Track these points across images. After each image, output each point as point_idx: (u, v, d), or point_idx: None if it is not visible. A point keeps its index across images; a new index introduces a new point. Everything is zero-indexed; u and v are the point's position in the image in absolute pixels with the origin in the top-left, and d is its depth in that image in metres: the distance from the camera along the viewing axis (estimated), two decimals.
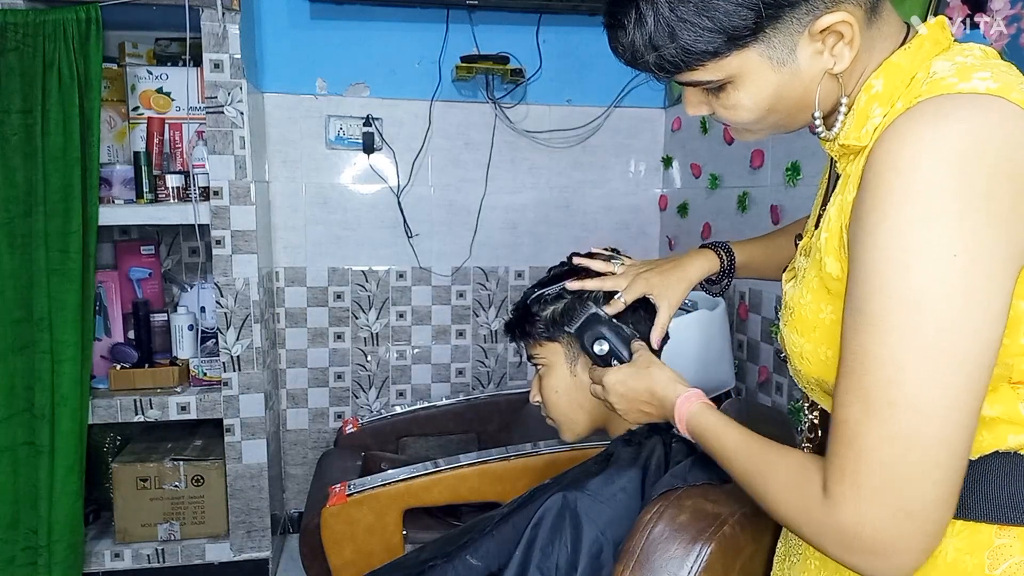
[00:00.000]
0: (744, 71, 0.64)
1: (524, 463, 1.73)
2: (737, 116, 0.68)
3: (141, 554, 2.10)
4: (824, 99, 0.66)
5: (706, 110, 0.71)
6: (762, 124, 0.70)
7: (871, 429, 0.58)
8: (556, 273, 1.11)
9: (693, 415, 0.83)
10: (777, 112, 0.67)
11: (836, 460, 0.60)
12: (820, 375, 0.70)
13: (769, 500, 0.68)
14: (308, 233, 2.45)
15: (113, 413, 2.04)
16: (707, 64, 0.64)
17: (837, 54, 0.63)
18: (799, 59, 0.63)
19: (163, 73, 2.14)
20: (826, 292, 0.66)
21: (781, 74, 0.64)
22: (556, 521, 0.93)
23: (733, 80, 0.65)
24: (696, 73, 0.65)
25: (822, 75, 0.64)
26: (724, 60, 0.63)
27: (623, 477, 0.96)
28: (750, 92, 0.65)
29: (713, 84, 0.66)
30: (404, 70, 2.43)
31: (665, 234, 2.63)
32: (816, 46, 0.63)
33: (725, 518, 0.84)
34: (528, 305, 1.10)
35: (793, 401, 1.84)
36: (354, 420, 2.27)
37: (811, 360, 0.70)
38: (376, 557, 1.64)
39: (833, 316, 0.66)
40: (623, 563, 0.83)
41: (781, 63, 0.63)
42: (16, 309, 1.87)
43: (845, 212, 0.63)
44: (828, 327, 0.67)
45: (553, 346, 1.09)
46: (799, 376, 0.75)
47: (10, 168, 1.83)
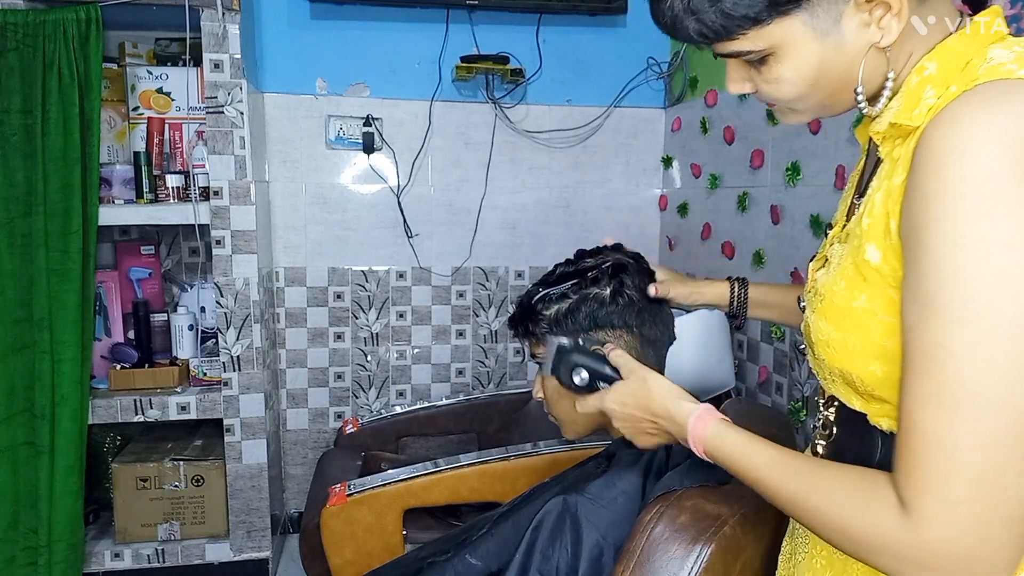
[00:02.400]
0: (786, 41, 0.62)
1: (524, 463, 1.73)
2: (779, 91, 0.67)
3: (141, 554, 2.10)
4: (869, 75, 0.63)
5: (748, 87, 0.69)
6: (806, 102, 0.67)
7: (957, 433, 0.53)
8: (562, 273, 1.10)
9: (711, 437, 0.76)
10: (821, 89, 0.65)
11: (916, 471, 0.55)
12: (844, 366, 0.66)
13: (825, 524, 0.62)
14: (308, 233, 2.45)
15: (113, 413, 2.04)
16: (748, 32, 0.62)
17: (884, 26, 0.60)
18: (844, 30, 0.61)
19: (163, 73, 2.14)
20: (862, 280, 0.63)
21: (825, 46, 0.62)
22: (556, 524, 0.93)
23: (775, 52, 0.64)
24: (737, 42, 0.64)
25: (867, 48, 0.62)
26: (766, 28, 0.62)
27: (624, 480, 0.96)
28: (793, 65, 0.64)
29: (754, 55, 0.65)
30: (404, 70, 2.43)
31: (665, 234, 2.63)
32: (862, 17, 0.61)
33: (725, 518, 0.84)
34: (532, 304, 1.09)
35: (793, 401, 1.84)
36: (354, 420, 2.27)
37: (837, 349, 0.66)
38: (376, 557, 1.64)
39: (866, 305, 0.63)
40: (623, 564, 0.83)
41: (825, 33, 0.62)
42: (16, 309, 1.87)
43: (893, 197, 0.60)
44: (860, 316, 0.64)
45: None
46: (821, 366, 0.72)
47: (10, 168, 1.83)
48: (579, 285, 1.07)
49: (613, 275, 1.07)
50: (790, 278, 1.85)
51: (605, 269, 1.07)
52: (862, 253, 0.63)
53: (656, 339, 1.08)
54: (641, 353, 1.07)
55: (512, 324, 1.13)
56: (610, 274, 1.07)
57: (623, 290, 1.06)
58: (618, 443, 1.07)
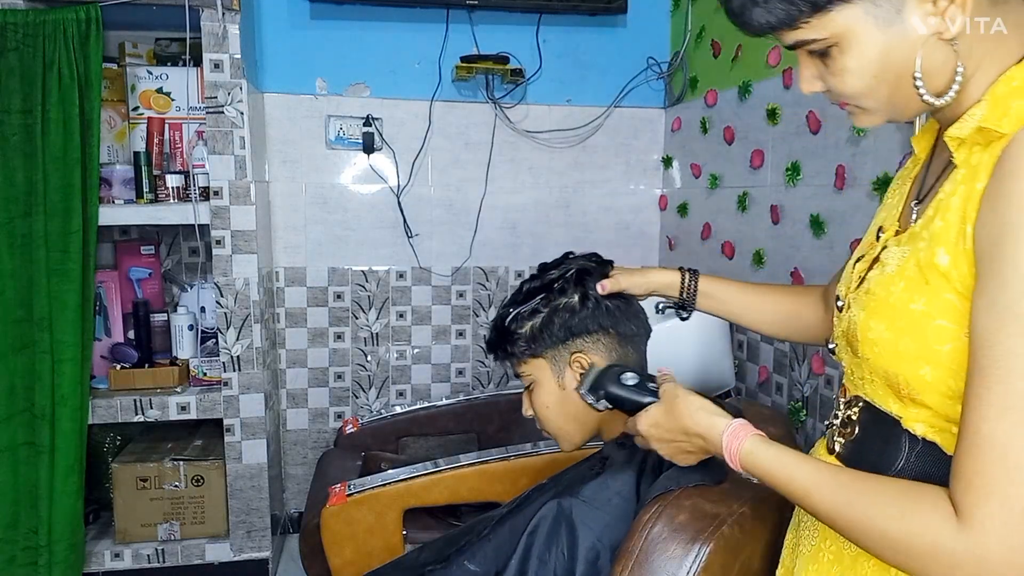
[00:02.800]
0: (849, 30, 0.64)
1: (524, 463, 1.73)
2: (845, 84, 0.67)
3: (141, 554, 2.10)
4: (936, 68, 0.64)
5: (819, 85, 0.71)
6: (874, 97, 0.67)
7: (1020, 444, 0.53)
8: (529, 289, 1.11)
9: (746, 454, 0.75)
10: (885, 81, 0.65)
11: (978, 479, 0.55)
12: (892, 367, 0.66)
13: (869, 534, 0.62)
14: (308, 233, 2.45)
15: (113, 413, 2.04)
16: (811, 20, 0.64)
17: (949, 17, 0.61)
18: (906, 20, 0.62)
19: (163, 73, 2.14)
20: (924, 283, 0.63)
21: (888, 35, 0.63)
22: (552, 529, 0.93)
23: (839, 42, 0.65)
24: (801, 31, 0.66)
25: (929, 38, 0.63)
26: (828, 16, 0.63)
27: (618, 481, 0.96)
28: (856, 55, 0.65)
29: (819, 45, 0.66)
30: (404, 70, 2.43)
31: (665, 234, 2.63)
32: (925, 7, 0.61)
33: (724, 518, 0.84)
34: (506, 326, 1.10)
35: (793, 401, 1.84)
36: (354, 420, 2.27)
37: (886, 350, 0.67)
38: (376, 557, 1.64)
39: (924, 308, 0.63)
40: (622, 563, 0.83)
41: (887, 23, 0.63)
42: (16, 309, 1.87)
43: (972, 202, 0.60)
44: (916, 319, 0.64)
45: (537, 362, 1.09)
46: (862, 365, 0.72)
47: (10, 168, 1.83)
48: (547, 298, 1.08)
49: (578, 282, 1.08)
50: (790, 278, 1.85)
51: (569, 277, 1.08)
52: (931, 256, 0.63)
53: (633, 334, 1.09)
54: (621, 352, 1.08)
55: (490, 348, 1.14)
56: (575, 281, 1.08)
57: (590, 294, 1.07)
58: (612, 445, 1.07)
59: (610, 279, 1.07)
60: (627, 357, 1.08)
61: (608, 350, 1.07)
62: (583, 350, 1.06)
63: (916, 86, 0.64)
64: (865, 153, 1.59)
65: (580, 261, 1.11)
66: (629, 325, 1.08)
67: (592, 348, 1.07)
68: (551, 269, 1.11)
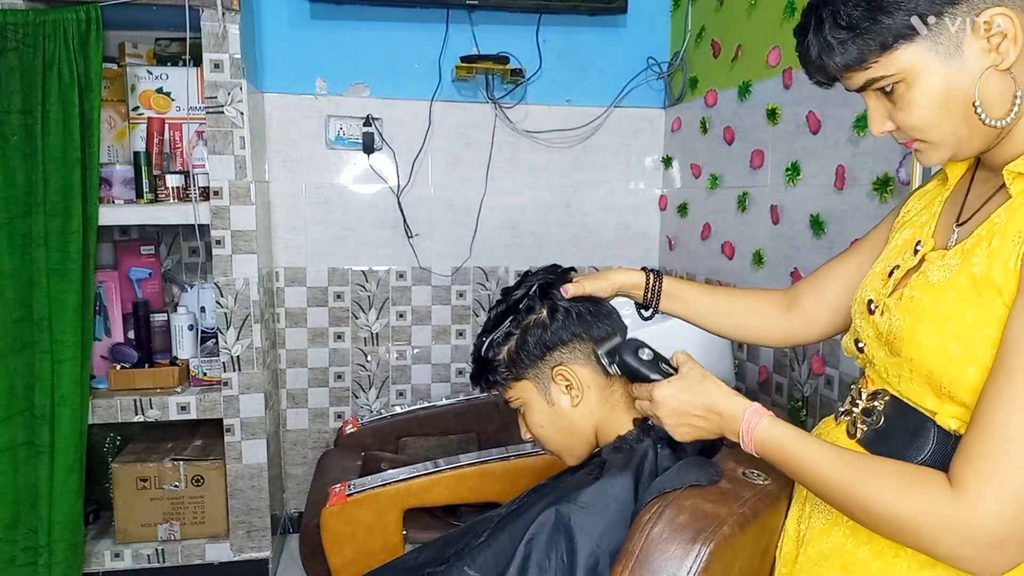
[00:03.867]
0: (913, 66, 0.71)
1: (524, 463, 1.73)
2: (912, 117, 0.73)
3: (141, 554, 2.10)
4: (997, 95, 0.70)
5: (890, 125, 0.77)
6: (940, 129, 0.73)
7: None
8: (497, 315, 1.11)
9: (764, 428, 0.82)
10: (950, 112, 0.71)
11: (979, 458, 0.64)
12: (937, 368, 0.72)
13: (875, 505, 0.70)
14: (308, 233, 2.45)
15: (113, 413, 2.04)
16: (880, 58, 0.71)
17: (1003, 51, 0.68)
18: (965, 55, 0.69)
19: (163, 73, 2.14)
20: (976, 294, 0.70)
21: (949, 68, 0.70)
22: (551, 537, 0.93)
23: (904, 78, 0.71)
24: (870, 70, 0.72)
25: (986, 70, 0.69)
26: (894, 54, 0.71)
27: (615, 486, 0.95)
28: (921, 88, 0.71)
29: (887, 81, 0.72)
30: (404, 70, 2.43)
31: (665, 234, 2.63)
32: (981, 44, 0.69)
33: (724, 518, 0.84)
34: (484, 356, 1.10)
35: (793, 401, 1.84)
36: (354, 420, 2.27)
37: (932, 352, 0.73)
38: (376, 557, 1.64)
39: (974, 318, 0.70)
40: (622, 563, 0.83)
41: (948, 57, 0.70)
42: (16, 309, 1.87)
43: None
44: (967, 327, 0.70)
45: (522, 384, 1.09)
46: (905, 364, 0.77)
47: (10, 168, 1.83)
48: (516, 319, 1.08)
49: (543, 296, 1.08)
50: (790, 278, 1.85)
51: (534, 294, 1.08)
52: (987, 272, 0.70)
53: (608, 336, 1.09)
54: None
55: (474, 381, 1.14)
56: (540, 296, 1.08)
57: (557, 305, 1.07)
58: (608, 449, 1.07)
59: (573, 283, 1.08)
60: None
61: (586, 355, 1.07)
62: (563, 362, 1.07)
63: (978, 113, 0.71)
64: (865, 153, 1.59)
65: (540, 275, 1.11)
66: (603, 327, 1.08)
67: (571, 358, 1.07)
68: (514, 290, 1.11)
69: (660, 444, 1.02)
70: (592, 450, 1.12)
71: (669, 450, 1.00)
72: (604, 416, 1.08)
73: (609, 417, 1.08)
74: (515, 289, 1.11)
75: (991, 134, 0.73)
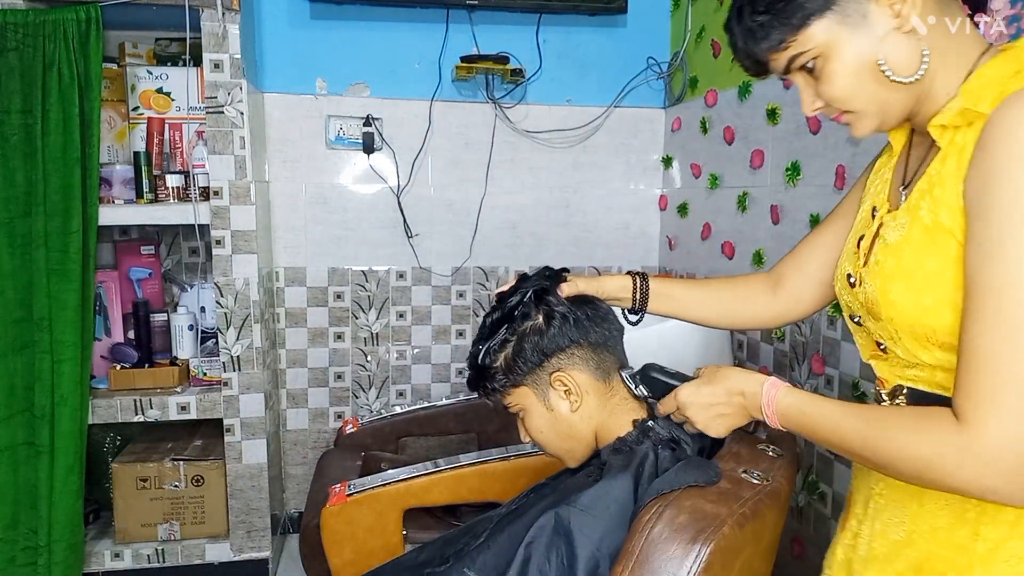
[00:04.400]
0: (828, 40, 0.76)
1: (524, 463, 1.73)
2: (834, 86, 0.78)
3: (141, 554, 2.10)
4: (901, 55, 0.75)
5: (819, 102, 0.81)
6: (861, 98, 0.78)
7: (1009, 351, 0.64)
8: (493, 322, 1.10)
9: (782, 398, 0.85)
10: (866, 79, 0.76)
11: (972, 386, 0.66)
12: (918, 320, 0.76)
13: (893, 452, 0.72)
14: (308, 233, 2.45)
15: (113, 413, 2.04)
16: (797, 36, 0.77)
17: (904, 15, 0.74)
18: (872, 23, 0.75)
19: (163, 73, 2.14)
20: (931, 243, 0.74)
21: (859, 36, 0.75)
22: (550, 540, 0.92)
23: (822, 52, 0.77)
24: (791, 49, 0.78)
25: (891, 32, 0.75)
26: (808, 30, 0.76)
27: (615, 488, 0.95)
28: (837, 59, 0.76)
29: (807, 57, 0.78)
30: (404, 70, 2.43)
31: (665, 234, 2.63)
32: (885, 11, 0.74)
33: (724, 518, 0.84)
34: (481, 364, 1.09)
35: None
36: (354, 420, 2.27)
37: (908, 307, 0.76)
38: (376, 557, 1.64)
39: (934, 266, 0.74)
40: (622, 563, 0.83)
41: (856, 26, 0.75)
42: (16, 309, 1.87)
43: (962, 168, 0.71)
44: (931, 275, 0.74)
45: (520, 390, 1.09)
46: (885, 328, 0.80)
47: (10, 168, 1.83)
48: (512, 327, 1.07)
49: (538, 302, 1.07)
50: None
51: (528, 300, 1.08)
52: (936, 218, 0.74)
53: (605, 339, 1.09)
54: (598, 360, 1.08)
55: (472, 387, 1.14)
56: (535, 302, 1.07)
57: (554, 311, 1.06)
58: (608, 451, 1.07)
59: (568, 283, 1.09)
60: (605, 362, 1.08)
61: (584, 360, 1.07)
62: (560, 368, 1.06)
63: (884, 72, 0.75)
64: (865, 153, 1.59)
65: (535, 281, 1.11)
66: (600, 331, 1.08)
67: (568, 364, 1.06)
68: (509, 297, 1.10)
69: (660, 446, 1.01)
70: (592, 452, 1.12)
71: (669, 451, 1.00)
72: (604, 420, 1.08)
73: (609, 420, 1.08)
74: (510, 295, 1.10)
75: (907, 93, 0.77)
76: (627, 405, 1.09)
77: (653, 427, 1.05)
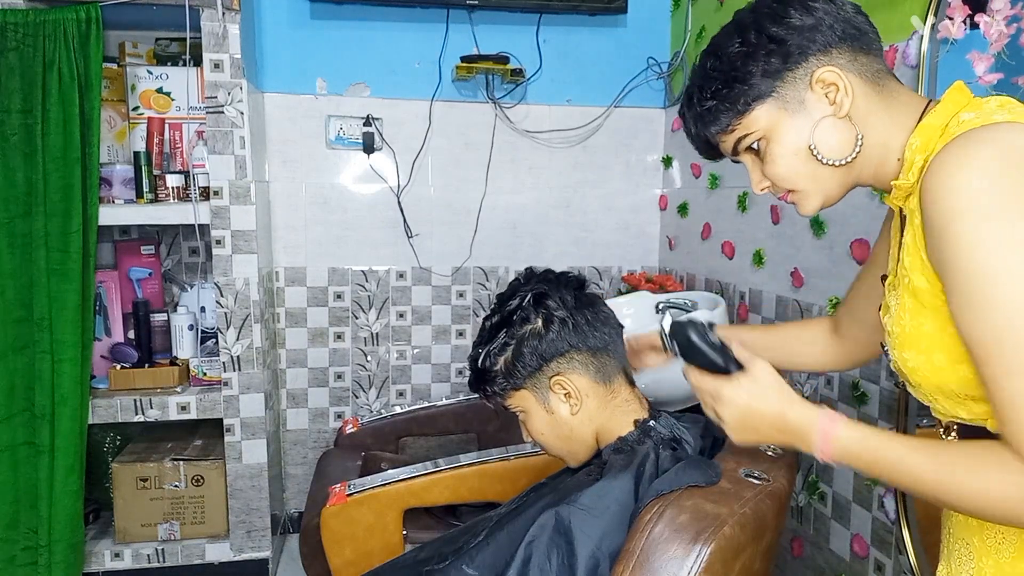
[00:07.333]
0: (770, 123, 0.80)
1: (524, 463, 1.73)
2: (776, 167, 0.82)
3: (141, 554, 2.10)
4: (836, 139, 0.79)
5: (766, 182, 0.85)
6: (801, 177, 0.82)
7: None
8: (492, 326, 1.10)
9: (841, 439, 0.78)
10: (804, 160, 0.80)
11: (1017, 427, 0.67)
12: (938, 380, 0.77)
13: (968, 493, 0.71)
14: (308, 233, 2.45)
15: (113, 413, 2.04)
16: (742, 119, 0.81)
17: (839, 102, 0.78)
18: (809, 108, 0.79)
19: (163, 73, 2.14)
20: (921, 307, 0.76)
21: (797, 120, 0.80)
22: (551, 539, 0.93)
23: (765, 134, 0.81)
24: (737, 132, 0.82)
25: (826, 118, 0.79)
26: (751, 115, 0.81)
27: (615, 487, 0.95)
28: (778, 141, 0.81)
29: (752, 139, 0.82)
30: (404, 70, 2.43)
31: (665, 234, 2.63)
32: (820, 97, 0.79)
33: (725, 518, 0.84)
34: (480, 367, 1.10)
35: None
36: (354, 420, 2.27)
37: (926, 370, 0.77)
38: (376, 557, 1.64)
39: (931, 327, 0.75)
40: (623, 563, 0.83)
41: (795, 112, 0.80)
42: (16, 309, 1.87)
43: (919, 237, 0.74)
44: (932, 336, 0.75)
45: (520, 394, 1.09)
46: (920, 392, 0.81)
47: (10, 168, 1.83)
48: (512, 330, 1.07)
49: (537, 306, 1.07)
50: (790, 278, 1.85)
51: (528, 304, 1.08)
52: (912, 283, 0.76)
53: (605, 343, 1.08)
54: (598, 364, 1.08)
55: (472, 389, 1.14)
56: (535, 306, 1.07)
57: (552, 315, 1.06)
58: (609, 450, 1.07)
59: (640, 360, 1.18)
60: (606, 366, 1.08)
61: (584, 365, 1.07)
62: (560, 372, 1.06)
63: (815, 155, 0.79)
64: None
65: (534, 284, 1.11)
66: (599, 336, 1.08)
67: (568, 368, 1.06)
68: (508, 300, 1.10)
69: (661, 445, 1.02)
70: (594, 453, 1.12)
71: (670, 451, 1.00)
72: (604, 421, 1.08)
73: (610, 421, 1.08)
74: (509, 298, 1.10)
75: (844, 173, 0.81)
76: (628, 406, 1.09)
77: (654, 427, 1.05)
